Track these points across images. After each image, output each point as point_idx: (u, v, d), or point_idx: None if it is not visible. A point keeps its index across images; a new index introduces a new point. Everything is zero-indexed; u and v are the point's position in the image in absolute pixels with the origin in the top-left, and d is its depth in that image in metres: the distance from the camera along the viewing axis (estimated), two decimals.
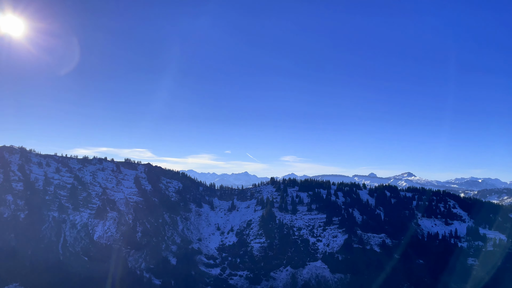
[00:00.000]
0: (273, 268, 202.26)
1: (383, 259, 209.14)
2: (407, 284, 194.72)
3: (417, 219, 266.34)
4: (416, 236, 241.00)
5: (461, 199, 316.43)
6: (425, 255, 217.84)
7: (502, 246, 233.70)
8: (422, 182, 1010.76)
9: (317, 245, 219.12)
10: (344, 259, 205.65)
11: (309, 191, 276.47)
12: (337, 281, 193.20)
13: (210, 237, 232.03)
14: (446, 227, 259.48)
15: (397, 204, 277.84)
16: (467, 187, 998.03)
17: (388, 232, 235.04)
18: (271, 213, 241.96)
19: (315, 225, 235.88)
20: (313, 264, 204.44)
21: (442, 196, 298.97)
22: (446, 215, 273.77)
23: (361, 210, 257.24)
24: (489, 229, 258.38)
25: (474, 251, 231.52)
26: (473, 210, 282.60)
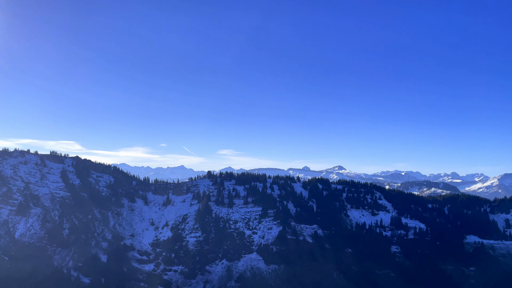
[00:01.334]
0: (209, 262, 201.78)
1: (315, 249, 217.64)
2: (336, 272, 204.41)
3: (346, 210, 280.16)
4: (345, 227, 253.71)
5: (386, 191, 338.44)
6: (354, 244, 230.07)
7: (422, 234, 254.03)
8: (352, 175, 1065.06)
9: (253, 238, 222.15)
10: (278, 251, 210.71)
11: (246, 184, 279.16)
12: (271, 272, 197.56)
13: (144, 232, 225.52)
14: (372, 217, 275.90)
15: (328, 196, 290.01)
16: (391, 179, 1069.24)
17: (320, 223, 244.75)
18: (208, 207, 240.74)
19: (251, 218, 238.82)
20: (249, 257, 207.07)
21: (369, 188, 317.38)
22: (373, 206, 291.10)
23: (295, 202, 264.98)
24: (410, 219, 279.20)
25: (397, 239, 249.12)
26: (396, 201, 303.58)
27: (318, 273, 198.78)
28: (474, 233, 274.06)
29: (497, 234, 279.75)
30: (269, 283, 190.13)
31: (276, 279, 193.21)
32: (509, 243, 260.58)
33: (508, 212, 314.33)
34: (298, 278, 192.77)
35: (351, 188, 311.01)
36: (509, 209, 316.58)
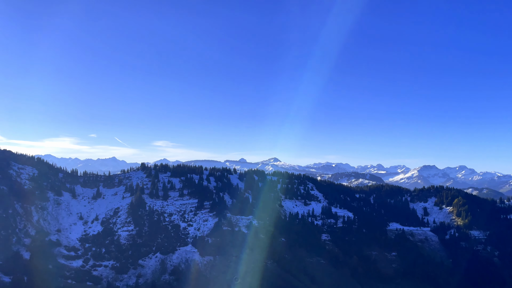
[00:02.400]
0: (142, 256, 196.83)
1: (250, 240, 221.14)
2: (270, 261, 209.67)
3: (281, 200, 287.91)
4: (279, 217, 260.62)
5: (318, 182, 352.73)
6: (287, 233, 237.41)
7: (350, 222, 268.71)
8: (286, 167, 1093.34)
9: (188, 230, 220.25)
10: (213, 242, 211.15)
11: (182, 176, 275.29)
12: (206, 263, 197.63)
13: (72, 227, 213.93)
14: (305, 207, 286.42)
15: (264, 188, 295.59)
16: (323, 171, 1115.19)
17: (256, 214, 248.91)
18: (141, 199, 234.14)
19: (187, 210, 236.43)
20: (183, 249, 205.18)
21: (303, 180, 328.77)
22: (305, 196, 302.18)
23: (231, 194, 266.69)
24: (340, 208, 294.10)
25: (327, 228, 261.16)
26: (327, 192, 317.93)
27: (253, 262, 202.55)
28: (396, 221, 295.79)
29: (416, 221, 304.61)
30: (204, 275, 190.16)
31: (211, 270, 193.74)
32: (426, 230, 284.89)
33: (426, 201, 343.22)
34: (233, 268, 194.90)
35: (285, 179, 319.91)
36: (427, 198, 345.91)
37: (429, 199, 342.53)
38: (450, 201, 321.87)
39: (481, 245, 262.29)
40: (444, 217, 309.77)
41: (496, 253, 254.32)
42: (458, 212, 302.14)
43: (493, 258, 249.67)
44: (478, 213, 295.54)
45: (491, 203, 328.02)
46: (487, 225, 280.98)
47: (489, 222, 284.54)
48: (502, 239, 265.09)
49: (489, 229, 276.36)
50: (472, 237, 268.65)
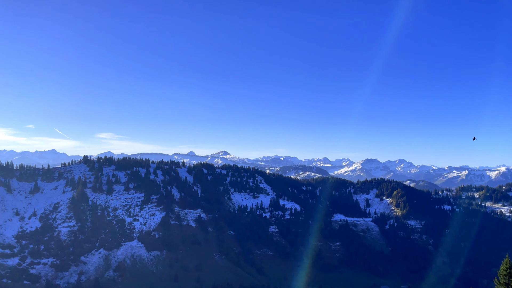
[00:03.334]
0: (84, 252, 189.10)
1: (198, 233, 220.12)
2: (218, 254, 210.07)
3: (230, 194, 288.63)
4: (228, 210, 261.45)
5: (267, 175, 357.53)
6: (236, 226, 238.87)
7: (297, 214, 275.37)
8: (236, 160, 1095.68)
9: (134, 225, 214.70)
10: (161, 236, 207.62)
11: (127, 170, 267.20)
12: (153, 258, 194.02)
13: (6, 223, 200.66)
14: (254, 200, 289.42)
15: (213, 181, 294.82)
16: (272, 164, 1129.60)
17: (204, 207, 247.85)
18: (83, 194, 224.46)
19: (133, 205, 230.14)
20: (129, 244, 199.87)
21: (252, 173, 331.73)
22: (254, 189, 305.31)
23: (179, 187, 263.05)
24: (287, 200, 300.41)
25: (275, 220, 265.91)
26: (276, 185, 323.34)
27: (201, 256, 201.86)
28: (340, 212, 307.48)
29: (359, 212, 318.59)
30: (150, 270, 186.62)
31: (158, 265, 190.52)
32: (368, 220, 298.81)
33: (368, 192, 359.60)
34: (181, 262, 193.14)
35: (234, 172, 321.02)
36: (369, 190, 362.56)
37: (371, 191, 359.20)
38: (390, 193, 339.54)
39: (418, 234, 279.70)
40: (385, 208, 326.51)
41: (430, 241, 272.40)
42: (397, 203, 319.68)
43: (428, 246, 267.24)
44: (415, 204, 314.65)
45: (427, 194, 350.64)
46: (423, 215, 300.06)
47: (425, 212, 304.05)
48: (436, 228, 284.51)
49: (425, 219, 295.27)
50: (409, 227, 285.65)
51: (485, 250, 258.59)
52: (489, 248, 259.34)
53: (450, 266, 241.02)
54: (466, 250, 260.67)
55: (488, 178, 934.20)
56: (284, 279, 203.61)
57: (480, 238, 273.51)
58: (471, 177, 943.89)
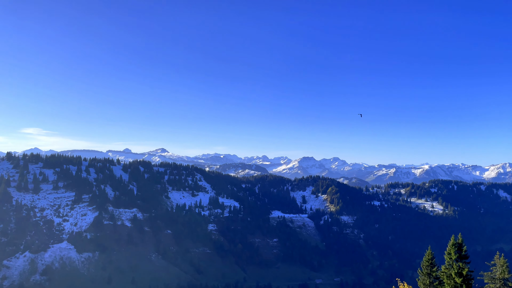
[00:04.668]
0: (7, 256, 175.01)
1: (134, 233, 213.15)
2: (155, 254, 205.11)
3: (168, 192, 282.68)
4: (166, 209, 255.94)
5: (206, 173, 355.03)
6: (173, 225, 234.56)
7: (236, 211, 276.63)
8: (174, 158, 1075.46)
9: (64, 225, 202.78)
10: (93, 237, 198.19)
11: (56, 167, 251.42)
12: (84, 260, 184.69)
13: None
14: (192, 198, 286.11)
15: (150, 179, 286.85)
16: (211, 162, 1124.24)
17: (140, 206, 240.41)
18: (6, 193, 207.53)
19: (62, 204, 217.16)
20: (58, 246, 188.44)
21: (191, 171, 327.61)
22: (193, 187, 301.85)
23: (114, 186, 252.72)
24: (227, 198, 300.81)
25: (214, 218, 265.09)
26: (215, 182, 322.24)
27: (136, 257, 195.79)
28: (278, 209, 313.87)
29: (296, 208, 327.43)
30: (81, 273, 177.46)
31: (89, 267, 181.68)
32: (304, 216, 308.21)
33: (304, 189, 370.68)
34: (115, 264, 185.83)
35: (173, 170, 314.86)
36: (305, 187, 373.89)
37: (307, 188, 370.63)
38: (325, 190, 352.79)
39: (350, 228, 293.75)
40: (320, 204, 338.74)
41: (361, 235, 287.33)
42: (331, 200, 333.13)
43: (359, 240, 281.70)
44: (348, 200, 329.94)
45: (359, 191, 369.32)
46: (355, 211, 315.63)
47: (357, 208, 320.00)
48: (367, 223, 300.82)
49: (357, 214, 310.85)
50: (342, 222, 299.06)
51: (410, 242, 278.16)
52: (414, 240, 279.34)
53: (378, 258, 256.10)
54: (393, 243, 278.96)
55: (413, 175, 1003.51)
56: (222, 277, 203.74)
57: (406, 232, 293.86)
58: (398, 174, 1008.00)
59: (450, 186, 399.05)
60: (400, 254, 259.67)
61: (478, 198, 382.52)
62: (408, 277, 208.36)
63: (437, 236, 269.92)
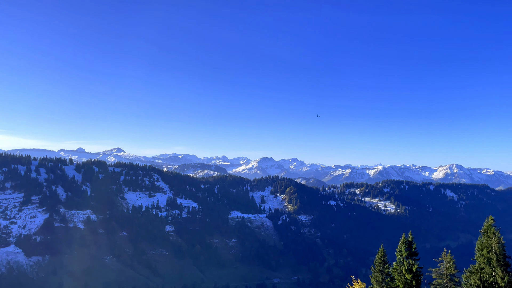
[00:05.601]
0: None
1: (87, 235, 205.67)
2: (110, 257, 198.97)
3: (123, 193, 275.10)
4: (121, 210, 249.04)
5: (164, 173, 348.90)
6: (129, 227, 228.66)
7: (194, 212, 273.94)
8: (131, 158, 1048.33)
9: (11, 228, 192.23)
10: (43, 240, 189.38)
11: (3, 167, 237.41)
12: (33, 264, 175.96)
13: None
14: (149, 199, 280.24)
15: (105, 180, 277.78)
16: (170, 162, 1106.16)
17: (94, 207, 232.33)
18: None
19: (9, 206, 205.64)
20: (4, 250, 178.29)
21: (148, 171, 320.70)
22: (151, 188, 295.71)
23: (66, 186, 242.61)
24: (185, 199, 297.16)
25: (171, 219, 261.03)
26: (173, 183, 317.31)
27: (89, 260, 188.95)
28: (237, 209, 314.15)
29: (255, 208, 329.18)
30: (30, 277, 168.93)
31: (39, 272, 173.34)
32: (263, 216, 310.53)
33: (263, 190, 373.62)
34: (66, 268, 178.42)
35: (129, 171, 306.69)
36: (265, 187, 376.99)
37: (266, 188, 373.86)
38: (283, 190, 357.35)
39: (307, 228, 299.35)
40: (278, 204, 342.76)
41: (318, 234, 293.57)
42: (290, 199, 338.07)
43: (316, 239, 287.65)
44: (305, 200, 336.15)
45: (316, 191, 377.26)
46: (312, 210, 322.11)
47: (314, 207, 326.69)
48: (323, 222, 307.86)
49: (313, 214, 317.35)
50: (300, 221, 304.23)
51: (364, 241, 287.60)
52: (367, 239, 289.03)
53: (334, 257, 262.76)
54: (348, 242, 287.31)
55: (367, 175, 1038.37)
56: (179, 278, 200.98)
57: (361, 230, 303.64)
58: (354, 174, 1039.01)
59: (402, 186, 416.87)
60: (354, 252, 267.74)
61: (427, 197, 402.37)
62: (362, 275, 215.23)
63: (390, 234, 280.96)
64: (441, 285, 44.64)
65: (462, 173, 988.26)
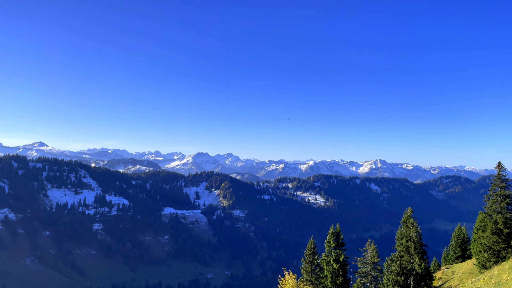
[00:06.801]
0: None
1: (5, 236, 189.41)
2: (30, 258, 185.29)
3: (46, 190, 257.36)
4: (44, 208, 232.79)
5: (92, 169, 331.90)
6: (53, 226, 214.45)
7: (125, 209, 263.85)
8: (55, 153, 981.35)
9: None
10: None
11: None
12: None
13: None
14: (76, 197, 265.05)
15: (25, 176, 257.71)
16: (98, 157, 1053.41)
17: (13, 206, 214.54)
18: None
19: None
20: None
21: (74, 166, 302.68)
22: (77, 184, 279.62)
23: None
24: (115, 196, 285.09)
25: (100, 217, 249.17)
26: (102, 179, 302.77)
27: (8, 262, 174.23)
28: (171, 205, 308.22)
29: (189, 204, 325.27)
30: None
31: None
32: (197, 212, 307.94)
33: (198, 185, 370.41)
34: None
35: (53, 166, 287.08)
36: (199, 183, 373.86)
37: (201, 184, 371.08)
38: (218, 185, 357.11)
39: (241, 222, 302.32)
40: (213, 199, 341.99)
41: (252, 228, 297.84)
42: (224, 195, 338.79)
43: (250, 233, 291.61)
44: (240, 195, 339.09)
45: (250, 185, 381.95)
46: (247, 205, 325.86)
47: (248, 202, 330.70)
48: (257, 216, 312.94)
49: (248, 208, 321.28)
50: (234, 216, 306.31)
51: (296, 233, 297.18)
52: (299, 231, 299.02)
53: (267, 250, 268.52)
54: (281, 235, 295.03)
55: (299, 170, 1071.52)
56: (108, 278, 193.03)
57: (293, 223, 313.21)
58: (287, 169, 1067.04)
59: (331, 180, 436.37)
60: (287, 244, 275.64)
61: (354, 191, 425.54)
62: (294, 266, 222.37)
63: (320, 226, 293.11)
64: (365, 273, 47.51)
65: (385, 168, 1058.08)
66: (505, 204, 37.52)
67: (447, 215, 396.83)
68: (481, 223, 44.25)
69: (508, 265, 34.92)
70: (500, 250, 37.77)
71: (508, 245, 37.35)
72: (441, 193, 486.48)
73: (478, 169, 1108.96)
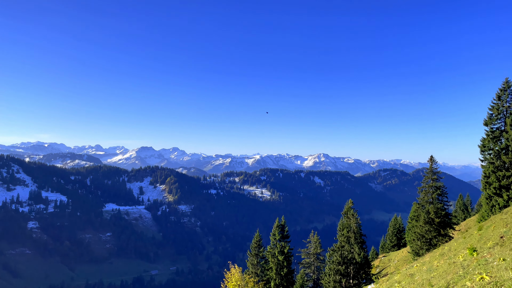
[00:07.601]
0: None
1: None
2: None
3: None
4: None
5: (26, 163, 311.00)
6: None
7: (63, 206, 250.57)
8: None
9: None
10: None
11: None
12: None
13: None
14: (8, 193, 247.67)
15: None
16: (33, 151, 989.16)
17: None
18: None
19: None
20: None
21: (6, 161, 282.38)
22: (9, 180, 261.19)
23: None
24: (52, 192, 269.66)
25: (35, 215, 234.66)
26: (37, 175, 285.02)
27: None
28: (113, 201, 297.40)
29: (132, 200, 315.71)
30: None
31: None
32: (141, 208, 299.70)
33: (142, 180, 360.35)
34: None
35: None
36: (143, 178, 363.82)
37: (145, 179, 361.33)
38: (163, 180, 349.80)
39: (187, 217, 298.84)
40: (158, 194, 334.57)
41: (198, 223, 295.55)
42: (170, 190, 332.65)
43: (196, 228, 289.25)
44: (186, 190, 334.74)
45: (197, 180, 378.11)
46: (193, 200, 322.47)
47: (194, 196, 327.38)
48: (204, 211, 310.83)
49: (194, 203, 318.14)
50: (180, 211, 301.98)
51: (242, 227, 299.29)
52: (246, 225, 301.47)
53: (213, 244, 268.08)
54: (228, 229, 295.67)
55: (246, 164, 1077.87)
56: (45, 278, 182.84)
57: (239, 217, 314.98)
58: (234, 163, 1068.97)
59: (277, 174, 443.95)
60: (233, 238, 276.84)
61: (299, 184, 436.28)
62: (240, 259, 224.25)
63: (266, 220, 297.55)
64: (309, 263, 48.94)
65: (328, 161, 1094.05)
66: (436, 195, 40.14)
67: (385, 206, 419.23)
68: (415, 213, 47.15)
69: (439, 252, 37.52)
70: (431, 238, 40.47)
71: (439, 233, 40.10)
72: (379, 185, 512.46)
73: (413, 162, 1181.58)
